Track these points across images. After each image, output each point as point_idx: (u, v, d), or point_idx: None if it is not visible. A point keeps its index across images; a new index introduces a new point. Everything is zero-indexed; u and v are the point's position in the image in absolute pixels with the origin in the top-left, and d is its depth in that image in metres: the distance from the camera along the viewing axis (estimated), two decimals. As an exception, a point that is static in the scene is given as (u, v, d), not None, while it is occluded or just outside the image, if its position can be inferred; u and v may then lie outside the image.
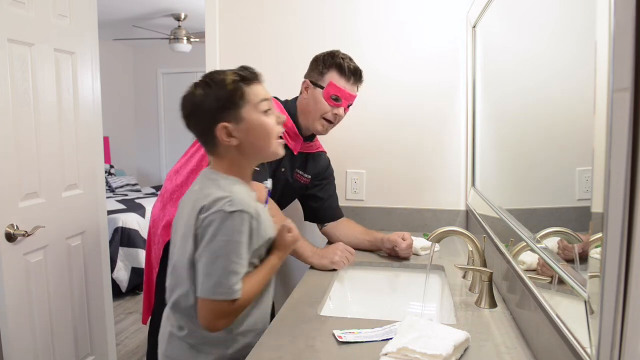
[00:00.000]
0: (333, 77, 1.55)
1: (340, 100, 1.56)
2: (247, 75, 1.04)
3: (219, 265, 0.97)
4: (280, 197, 1.66)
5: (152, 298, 1.72)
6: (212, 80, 1.03)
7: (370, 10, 2.02)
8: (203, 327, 1.01)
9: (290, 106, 1.63)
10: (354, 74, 1.57)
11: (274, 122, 1.06)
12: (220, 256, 0.97)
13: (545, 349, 0.88)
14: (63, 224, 2.01)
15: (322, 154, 1.80)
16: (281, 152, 1.10)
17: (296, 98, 1.66)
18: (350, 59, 1.58)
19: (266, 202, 1.30)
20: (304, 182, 1.73)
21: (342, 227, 1.79)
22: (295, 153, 1.65)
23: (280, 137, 1.09)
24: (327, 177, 1.81)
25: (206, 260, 0.98)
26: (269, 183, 1.47)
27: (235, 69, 1.06)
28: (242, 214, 0.98)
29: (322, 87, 1.56)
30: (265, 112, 1.05)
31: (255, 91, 1.04)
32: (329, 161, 1.82)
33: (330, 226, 1.79)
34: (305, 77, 1.62)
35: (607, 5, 0.55)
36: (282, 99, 1.67)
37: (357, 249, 1.66)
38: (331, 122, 1.60)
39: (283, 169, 1.64)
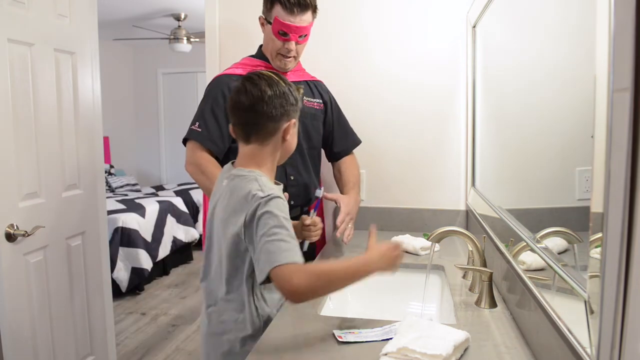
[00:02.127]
0: (278, 12, 1.55)
1: (287, 34, 1.56)
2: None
3: (278, 238, 1.00)
4: (305, 131, 1.69)
5: None
6: (286, 83, 1.14)
7: (371, 10, 2.02)
8: (289, 299, 1.00)
9: (257, 54, 1.72)
10: (298, 5, 1.53)
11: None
12: (276, 230, 1.01)
13: (545, 349, 0.88)
14: (63, 224, 2.01)
15: (320, 82, 1.84)
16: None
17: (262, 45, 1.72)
18: None
19: (315, 208, 1.43)
20: (318, 107, 1.75)
21: (336, 168, 1.85)
22: None
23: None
24: (335, 104, 1.84)
25: (265, 238, 1.00)
26: (319, 192, 1.54)
27: (294, 84, 1.19)
28: (277, 199, 1.05)
29: (270, 23, 1.58)
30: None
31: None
32: (326, 87, 1.86)
33: (337, 167, 1.85)
34: (262, 12, 1.64)
35: (607, 5, 0.55)
36: None
37: None
38: (287, 57, 1.61)
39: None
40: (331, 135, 1.81)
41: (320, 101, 1.77)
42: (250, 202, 1.05)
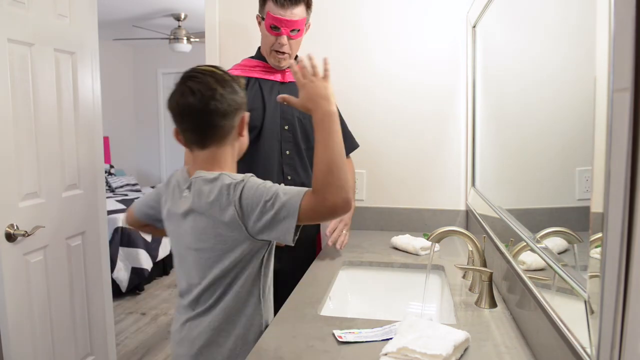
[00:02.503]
0: (269, 7, 1.55)
1: (279, 28, 1.56)
2: None
3: (278, 191, 0.99)
4: (303, 131, 1.68)
5: None
6: (233, 78, 1.07)
7: (371, 10, 2.02)
8: (338, 211, 0.98)
9: (256, 54, 1.72)
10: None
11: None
12: (271, 188, 0.99)
13: (545, 349, 0.88)
14: (63, 224, 2.01)
15: None
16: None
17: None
18: None
19: None
20: None
21: None
22: (286, 81, 1.68)
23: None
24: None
25: (273, 199, 0.98)
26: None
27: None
28: (252, 176, 1.04)
29: (264, 19, 1.58)
30: None
31: None
32: None
33: None
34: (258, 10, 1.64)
35: (607, 5, 0.55)
36: None
37: None
38: (281, 53, 1.60)
39: (286, 103, 1.64)
40: None
41: None
42: (231, 192, 1.00)
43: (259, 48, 1.73)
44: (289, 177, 1.66)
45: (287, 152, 1.67)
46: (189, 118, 1.05)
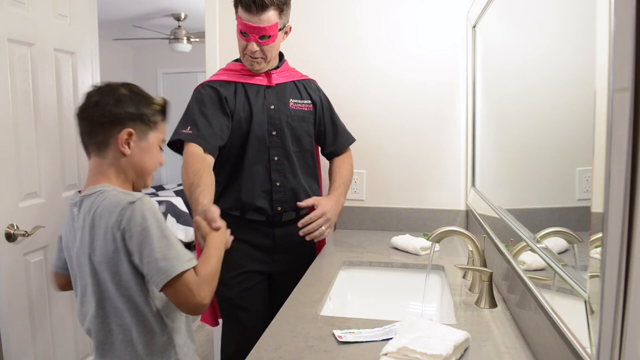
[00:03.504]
0: (240, 13, 1.52)
1: (247, 34, 1.52)
2: (165, 113, 1.15)
3: (167, 244, 0.96)
4: (293, 134, 1.65)
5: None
6: (141, 92, 1.10)
7: (370, 10, 2.02)
8: (189, 310, 0.99)
9: (240, 58, 1.66)
10: (254, 4, 1.47)
11: (158, 161, 1.14)
12: (162, 237, 0.96)
13: (545, 349, 0.88)
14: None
15: (311, 81, 1.78)
16: (149, 184, 1.17)
17: None
18: None
19: None
20: (306, 108, 1.70)
21: (329, 170, 1.80)
22: (273, 84, 1.64)
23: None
24: (326, 103, 1.78)
25: (147, 251, 0.95)
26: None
27: (162, 98, 1.14)
28: (144, 198, 1.00)
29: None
30: (160, 149, 1.15)
31: (163, 128, 1.15)
32: (318, 86, 1.80)
33: (330, 166, 1.81)
34: None
35: (607, 5, 0.55)
36: None
37: None
38: (254, 58, 1.56)
39: (272, 107, 1.63)
40: (323, 135, 1.77)
41: (309, 102, 1.71)
42: (117, 211, 0.97)
43: None
44: (278, 184, 1.62)
45: (276, 158, 1.62)
46: (76, 122, 1.10)
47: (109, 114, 1.04)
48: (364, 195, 2.09)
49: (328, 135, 1.78)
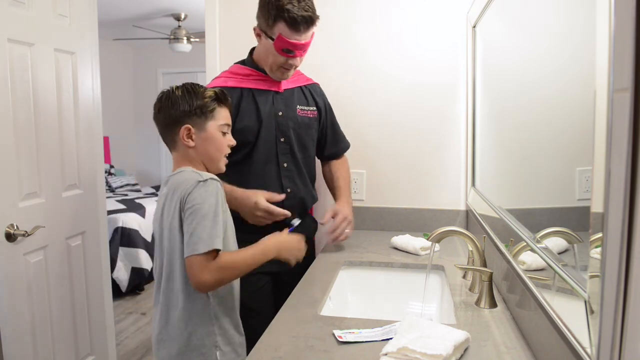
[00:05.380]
0: (282, 30, 1.44)
1: (293, 52, 1.48)
2: (222, 98, 1.24)
3: (202, 224, 1.10)
4: (299, 141, 1.64)
5: None
6: (193, 88, 1.22)
7: (370, 10, 2.02)
8: (193, 287, 1.13)
9: (249, 62, 1.62)
10: (305, 22, 1.43)
11: (226, 143, 1.26)
12: (202, 217, 1.10)
13: (545, 349, 0.88)
14: (63, 224, 2.01)
15: (316, 85, 1.77)
16: (223, 168, 1.28)
17: (254, 49, 1.64)
18: (299, 1, 1.43)
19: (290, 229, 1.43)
20: (312, 115, 1.68)
21: (328, 170, 1.83)
22: (281, 91, 1.62)
23: (227, 157, 1.28)
24: (329, 108, 1.78)
25: (189, 222, 1.11)
26: (296, 221, 1.53)
27: (216, 89, 1.24)
28: (212, 180, 1.15)
29: (272, 39, 1.47)
30: (224, 133, 1.25)
31: (222, 114, 1.24)
32: (321, 90, 1.80)
33: (327, 168, 1.83)
34: (257, 23, 1.53)
35: (607, 5, 0.55)
36: None
37: None
38: (288, 69, 1.55)
39: (280, 113, 1.60)
40: (324, 139, 1.77)
41: (315, 108, 1.70)
42: (187, 186, 1.13)
43: (251, 53, 1.64)
44: (289, 190, 1.60)
45: (285, 165, 1.61)
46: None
47: (169, 117, 1.21)
48: (364, 195, 2.09)
49: (329, 138, 1.78)
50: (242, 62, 1.64)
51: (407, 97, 2.02)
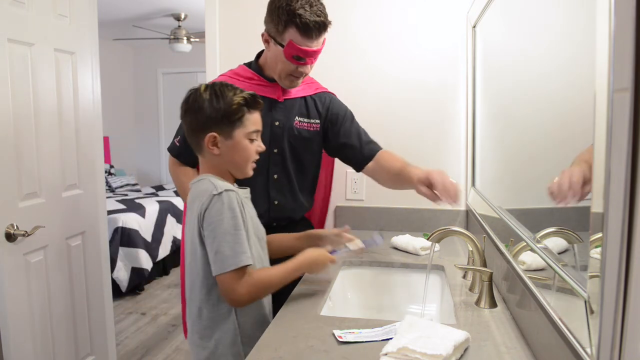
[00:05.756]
0: (293, 37, 1.37)
1: (303, 59, 1.42)
2: (252, 103, 1.17)
3: (225, 240, 1.08)
4: (293, 153, 1.56)
5: None
6: (222, 92, 1.14)
7: (370, 9, 2.02)
8: (228, 303, 1.13)
9: (254, 66, 1.56)
10: (318, 28, 1.37)
11: (254, 150, 1.20)
12: (224, 233, 1.08)
13: (545, 349, 0.88)
14: (63, 224, 2.01)
15: (326, 94, 1.65)
16: (250, 173, 1.23)
17: (261, 53, 1.57)
18: (311, 6, 1.36)
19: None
20: (312, 129, 1.58)
21: (379, 166, 1.58)
22: (280, 100, 1.54)
23: (255, 163, 1.23)
24: (341, 118, 1.62)
25: (210, 240, 1.09)
26: (379, 240, 1.49)
27: (245, 94, 1.16)
28: (227, 192, 1.11)
29: (282, 46, 1.40)
30: (252, 140, 1.19)
31: (252, 119, 1.17)
32: (339, 101, 1.67)
33: (369, 169, 1.60)
34: (266, 28, 1.46)
35: (607, 5, 0.55)
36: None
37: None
38: (298, 77, 1.49)
39: (277, 123, 1.53)
40: (349, 149, 1.60)
41: (317, 121, 1.59)
42: (203, 200, 1.11)
43: (258, 57, 1.58)
44: (276, 202, 1.56)
45: (275, 176, 1.55)
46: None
47: (195, 122, 1.16)
48: (364, 195, 2.09)
49: (355, 147, 1.61)
50: (249, 65, 1.59)
51: (407, 97, 2.02)
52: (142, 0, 4.37)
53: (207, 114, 1.13)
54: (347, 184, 2.08)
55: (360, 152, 1.60)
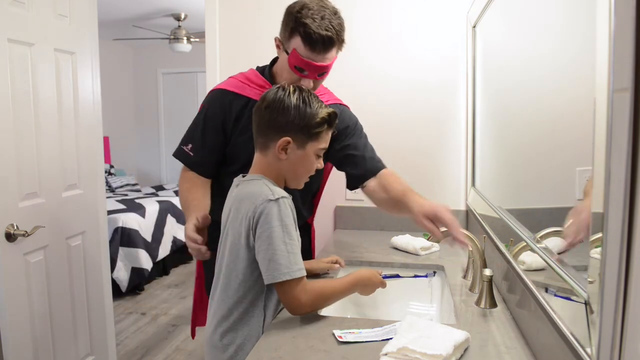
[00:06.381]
0: (297, 45, 1.30)
1: (305, 71, 1.34)
2: (332, 122, 1.16)
3: (285, 248, 1.05)
4: None
5: None
6: (310, 102, 1.12)
7: (370, 9, 2.02)
8: (289, 311, 1.10)
9: (267, 73, 1.50)
10: (322, 42, 1.29)
11: (316, 166, 1.19)
12: (282, 241, 1.05)
13: (545, 349, 0.88)
14: (63, 224, 2.01)
15: (338, 106, 1.56)
16: (302, 186, 1.21)
17: (277, 59, 1.49)
18: (322, 18, 1.29)
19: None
20: None
21: (380, 186, 1.50)
22: None
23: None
24: (351, 129, 1.55)
25: (265, 247, 1.05)
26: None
27: (330, 110, 1.15)
28: (285, 199, 1.08)
29: (287, 53, 1.35)
30: (318, 156, 1.18)
31: (326, 137, 1.17)
32: (350, 113, 1.60)
33: (370, 187, 1.51)
34: (279, 32, 1.40)
35: (607, 5, 0.55)
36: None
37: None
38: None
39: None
40: (351, 163, 1.53)
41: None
42: (257, 203, 1.06)
43: (273, 63, 1.51)
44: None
45: None
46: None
47: (273, 121, 1.11)
48: (364, 195, 2.08)
49: (359, 160, 1.53)
50: (262, 69, 1.52)
51: (407, 97, 2.02)
52: (142, 0, 4.37)
53: (289, 117, 1.10)
54: (347, 184, 2.08)
55: (363, 166, 1.52)
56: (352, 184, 1.57)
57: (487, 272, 1.15)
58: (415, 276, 1.28)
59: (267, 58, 2.12)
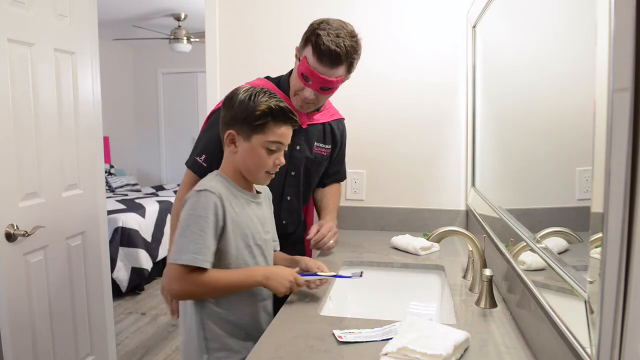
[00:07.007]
0: (307, 54, 1.37)
1: (309, 80, 1.39)
2: (279, 115, 1.16)
3: (184, 234, 1.10)
4: (306, 176, 1.61)
5: None
6: (255, 97, 1.16)
7: (369, 9, 2.02)
8: (168, 291, 1.20)
9: (284, 82, 1.54)
10: (330, 57, 1.34)
11: (269, 162, 1.19)
12: (186, 227, 1.10)
13: (545, 349, 0.88)
14: (63, 224, 2.01)
15: (340, 121, 1.71)
16: (265, 183, 1.24)
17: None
18: (337, 36, 1.35)
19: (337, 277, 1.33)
20: (325, 153, 1.65)
21: (319, 194, 1.74)
22: (304, 127, 1.55)
23: (270, 174, 1.22)
24: (344, 143, 1.73)
25: (177, 233, 1.12)
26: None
27: (272, 104, 1.16)
28: (207, 192, 1.12)
29: (299, 60, 1.41)
30: (270, 150, 1.18)
31: (276, 131, 1.16)
32: (344, 127, 1.74)
33: (319, 192, 1.75)
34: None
35: (607, 5, 0.55)
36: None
37: None
38: (306, 102, 1.45)
39: (298, 147, 1.55)
40: (330, 167, 1.73)
41: (329, 146, 1.65)
42: (190, 194, 1.15)
43: (290, 74, 1.55)
44: (284, 222, 1.58)
45: (288, 198, 1.58)
46: None
47: (224, 117, 1.20)
48: (364, 195, 2.09)
49: (332, 169, 1.74)
50: (278, 80, 1.57)
51: (407, 97, 2.02)
52: (142, 0, 4.37)
53: (233, 112, 1.17)
54: (346, 184, 2.08)
55: (326, 174, 1.72)
56: (322, 180, 1.75)
57: (487, 272, 1.15)
58: (336, 276, 1.30)
59: (267, 58, 2.13)
